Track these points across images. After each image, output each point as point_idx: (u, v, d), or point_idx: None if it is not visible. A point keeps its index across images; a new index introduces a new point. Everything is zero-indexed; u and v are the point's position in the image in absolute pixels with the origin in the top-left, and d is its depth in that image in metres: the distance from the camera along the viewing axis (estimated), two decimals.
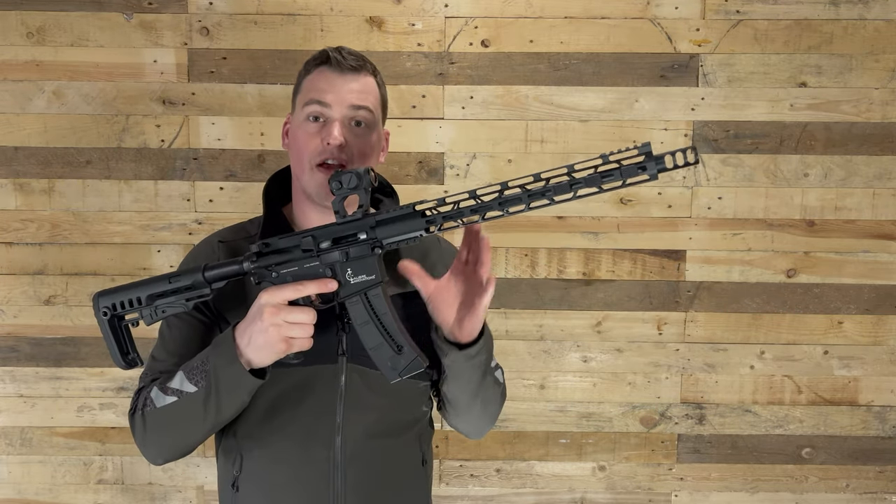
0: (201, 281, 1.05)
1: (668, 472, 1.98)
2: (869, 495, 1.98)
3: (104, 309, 1.07)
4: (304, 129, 1.13)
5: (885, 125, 1.86)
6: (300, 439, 1.14)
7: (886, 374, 1.93)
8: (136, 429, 1.13)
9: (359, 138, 1.14)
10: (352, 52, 1.16)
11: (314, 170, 1.12)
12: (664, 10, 1.82)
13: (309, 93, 1.14)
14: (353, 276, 1.02)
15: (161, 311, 1.06)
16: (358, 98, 1.13)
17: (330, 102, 1.12)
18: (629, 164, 0.92)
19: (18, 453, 1.96)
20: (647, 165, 0.91)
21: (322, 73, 1.14)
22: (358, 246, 1.01)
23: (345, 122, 1.13)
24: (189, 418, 1.07)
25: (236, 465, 1.16)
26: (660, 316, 1.91)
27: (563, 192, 0.94)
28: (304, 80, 1.17)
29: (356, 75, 1.14)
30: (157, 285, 1.06)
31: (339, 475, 1.14)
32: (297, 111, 1.16)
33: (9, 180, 1.86)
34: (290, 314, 0.98)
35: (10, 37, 1.82)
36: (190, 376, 1.06)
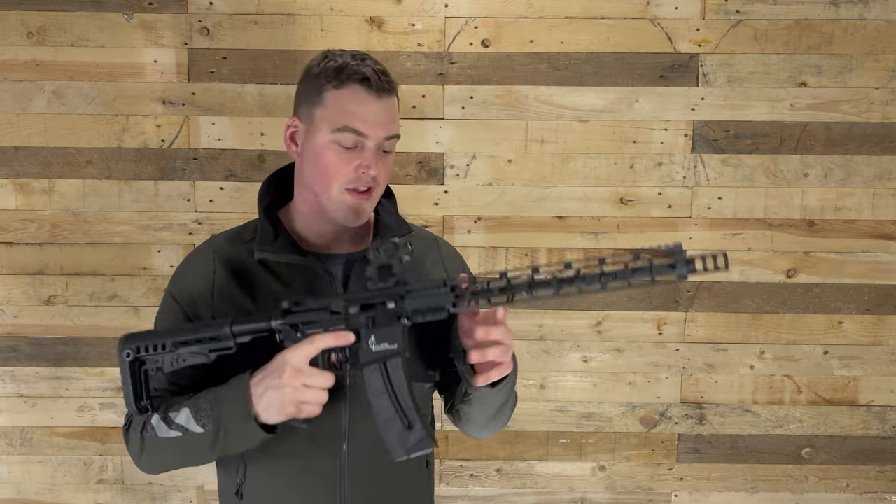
0: (227, 334, 1.04)
1: (668, 472, 1.98)
2: (869, 495, 1.98)
3: (128, 351, 1.07)
4: (335, 152, 1.09)
5: (885, 125, 1.86)
6: (306, 447, 1.13)
7: (886, 374, 1.93)
8: (131, 446, 1.13)
9: (385, 164, 1.13)
10: (381, 68, 1.11)
11: (344, 193, 1.10)
12: (664, 10, 1.82)
13: (342, 116, 1.08)
14: (375, 344, 1.02)
15: (183, 359, 1.06)
16: (392, 128, 1.11)
17: (369, 134, 1.08)
18: (660, 264, 0.96)
19: (18, 453, 1.96)
20: (677, 266, 0.95)
21: (357, 95, 1.08)
22: (384, 314, 1.01)
23: (376, 150, 1.11)
24: (193, 453, 1.08)
25: (240, 473, 1.15)
26: (660, 316, 1.91)
27: (592, 284, 0.97)
28: (328, 94, 1.09)
29: (389, 98, 1.11)
30: (184, 334, 1.06)
31: (346, 481, 1.13)
32: (322, 128, 1.10)
33: (9, 180, 1.86)
34: (309, 377, 0.98)
35: (10, 37, 1.82)
36: (197, 417, 1.06)
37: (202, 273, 1.16)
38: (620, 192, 1.88)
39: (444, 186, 1.87)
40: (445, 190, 1.87)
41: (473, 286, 0.99)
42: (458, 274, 1.02)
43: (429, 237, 1.29)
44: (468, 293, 0.99)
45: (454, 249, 1.31)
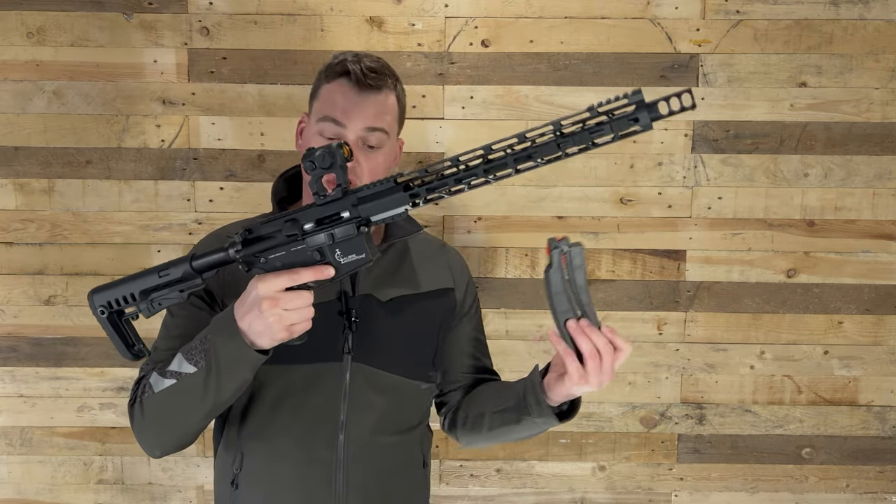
0: (190, 272, 1.03)
1: (668, 472, 1.98)
2: (869, 495, 1.98)
3: (101, 308, 1.07)
4: (318, 142, 1.12)
5: (885, 125, 1.86)
6: (303, 437, 1.14)
7: (886, 374, 1.93)
8: (134, 419, 1.11)
9: (370, 159, 1.13)
10: (373, 66, 1.12)
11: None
12: (664, 10, 1.82)
13: (325, 107, 1.12)
14: (342, 257, 0.98)
15: (157, 303, 1.05)
16: (374, 120, 1.12)
17: (345, 123, 1.11)
18: (620, 114, 0.83)
19: (18, 453, 1.96)
20: (639, 116, 0.82)
21: (340, 87, 1.12)
22: (343, 226, 0.96)
23: (358, 143, 1.12)
24: (188, 400, 1.05)
25: (236, 463, 1.16)
26: (660, 316, 1.91)
27: (550, 152, 0.87)
28: (321, 87, 1.15)
29: (376, 94, 1.12)
30: (148, 280, 1.05)
31: (341, 474, 1.14)
32: (312, 121, 1.15)
33: (9, 180, 1.86)
34: (288, 302, 0.96)
35: (10, 37, 1.82)
36: (188, 357, 1.04)
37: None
38: (620, 192, 1.88)
39: None
40: None
41: (426, 177, 0.93)
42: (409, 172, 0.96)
43: (437, 242, 1.32)
44: (424, 189, 0.92)
45: (461, 258, 1.33)
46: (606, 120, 0.83)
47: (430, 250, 1.28)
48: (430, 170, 0.92)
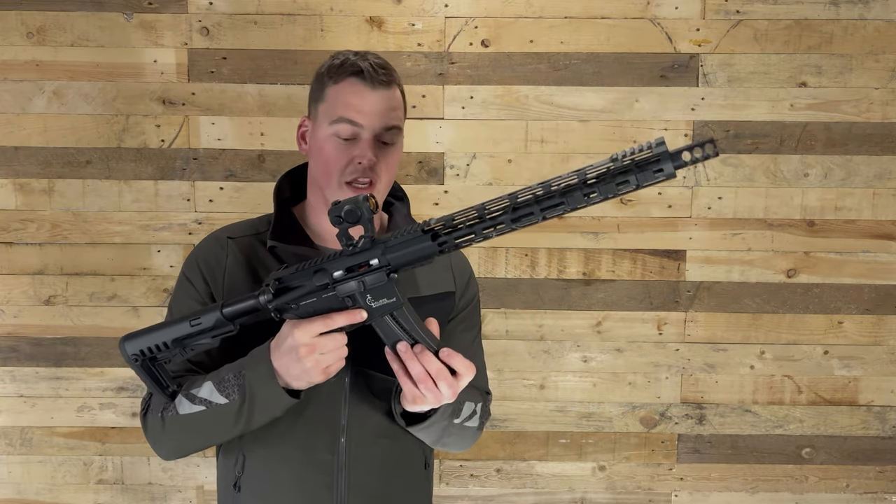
0: (222, 320, 1.04)
1: (668, 472, 1.98)
2: (869, 495, 1.98)
3: (134, 356, 1.07)
4: (333, 143, 1.12)
5: (885, 125, 1.85)
6: (304, 441, 1.14)
7: (886, 374, 1.93)
8: (151, 428, 1.13)
9: (386, 156, 1.14)
10: (380, 62, 1.13)
11: (343, 187, 1.12)
12: (664, 10, 1.82)
13: (338, 108, 1.11)
14: (373, 301, 1.00)
15: (190, 349, 1.06)
16: (389, 118, 1.12)
17: (363, 123, 1.11)
18: (644, 164, 0.82)
19: (18, 453, 1.96)
20: (663, 166, 0.82)
21: (353, 87, 1.11)
22: (373, 274, 0.98)
23: (374, 141, 1.12)
24: (216, 427, 1.08)
25: (238, 465, 1.16)
26: (660, 316, 1.91)
27: (576, 202, 0.87)
28: (329, 89, 1.13)
29: (387, 90, 1.12)
30: (180, 328, 1.05)
31: (343, 477, 1.14)
32: (323, 122, 1.13)
33: (9, 180, 1.86)
34: (324, 346, 0.98)
35: (10, 37, 1.82)
36: (220, 388, 1.06)
37: (215, 255, 1.18)
38: None
39: (444, 186, 1.87)
40: (445, 190, 1.87)
41: (452, 224, 0.93)
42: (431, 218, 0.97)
43: None
44: (452, 238, 0.93)
45: (463, 256, 1.32)
46: (631, 169, 0.83)
47: None
48: (456, 218, 0.93)
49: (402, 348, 0.99)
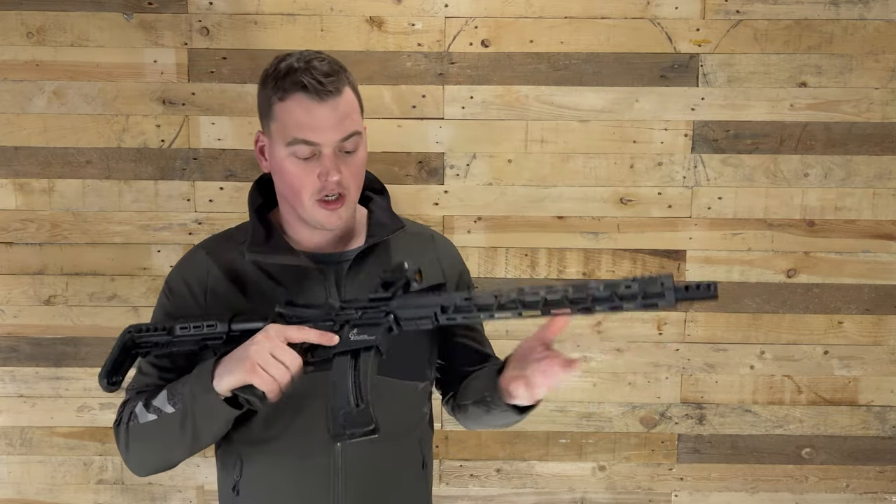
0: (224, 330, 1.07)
1: (668, 472, 1.98)
2: (869, 495, 1.98)
3: (130, 328, 1.12)
4: (294, 164, 1.07)
5: (885, 125, 1.85)
6: (300, 444, 1.13)
7: (886, 374, 1.93)
8: (119, 441, 1.13)
9: (350, 165, 1.09)
10: (324, 69, 1.05)
11: (315, 205, 1.09)
12: (664, 10, 1.82)
13: (289, 129, 1.05)
14: (354, 335, 1.02)
15: (174, 346, 1.09)
16: (345, 127, 1.06)
17: (319, 141, 1.05)
18: (650, 292, 0.93)
19: (18, 453, 1.96)
20: (665, 293, 0.92)
21: (300, 103, 1.04)
22: (373, 311, 1.02)
23: (336, 152, 1.07)
24: (167, 438, 1.07)
25: (237, 469, 1.16)
26: (660, 316, 1.91)
27: (581, 307, 1.00)
28: (276, 107, 1.07)
29: (336, 98, 1.05)
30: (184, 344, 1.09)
31: (340, 481, 1.14)
32: (278, 143, 1.08)
33: (9, 180, 1.86)
34: (278, 348, 0.98)
35: (10, 37, 1.82)
36: (170, 397, 1.06)
37: (195, 273, 1.17)
38: (620, 192, 1.88)
39: (444, 186, 1.87)
40: (445, 190, 1.87)
41: (466, 303, 1.00)
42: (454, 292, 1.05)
43: (425, 234, 1.28)
44: (453, 308, 1.00)
45: (451, 245, 1.30)
46: (637, 294, 0.93)
47: (418, 245, 1.25)
48: (470, 297, 1.00)
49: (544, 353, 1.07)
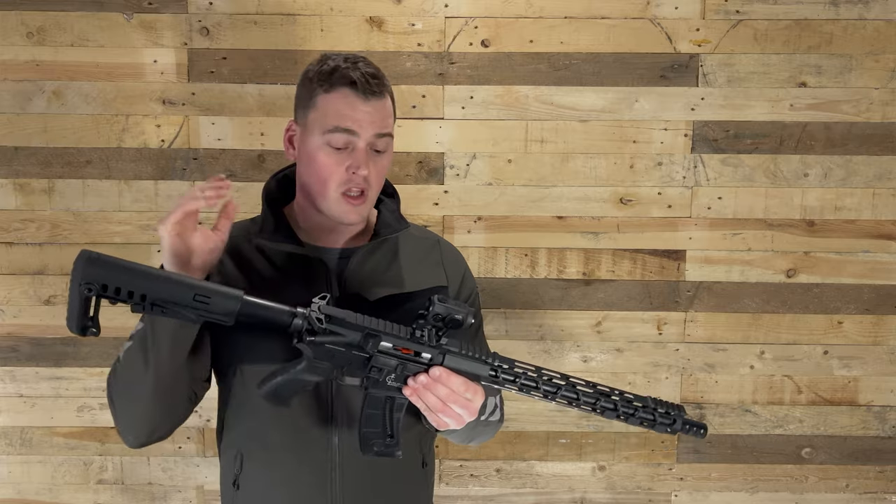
0: (233, 311, 0.97)
1: (668, 472, 1.98)
2: (869, 495, 1.98)
3: (88, 286, 0.96)
4: (327, 153, 1.11)
5: (885, 125, 1.86)
6: (297, 440, 1.14)
7: (886, 374, 1.93)
8: (109, 392, 1.13)
9: (378, 165, 1.14)
10: (371, 70, 1.12)
11: (340, 198, 1.12)
12: (664, 10, 1.82)
13: (331, 118, 1.10)
14: (391, 381, 1.05)
15: (160, 310, 0.96)
16: (382, 126, 1.12)
17: (358, 132, 1.10)
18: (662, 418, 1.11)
19: (18, 453, 1.96)
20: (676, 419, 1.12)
21: (345, 97, 1.10)
22: (416, 364, 1.04)
23: (368, 149, 1.12)
24: (136, 362, 1.06)
25: (237, 464, 1.17)
26: (660, 316, 1.91)
27: (609, 409, 1.10)
28: (319, 97, 1.11)
29: (379, 100, 1.11)
30: (176, 293, 0.95)
31: (337, 477, 1.14)
32: (314, 131, 1.12)
33: (9, 180, 1.86)
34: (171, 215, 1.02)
35: (10, 37, 1.82)
36: (141, 318, 1.08)
37: None
38: (620, 192, 1.88)
39: (444, 186, 1.87)
40: (445, 190, 1.87)
41: (510, 371, 1.07)
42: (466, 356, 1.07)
43: (431, 238, 1.30)
44: (503, 381, 1.07)
45: (456, 252, 1.31)
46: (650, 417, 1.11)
47: (423, 248, 1.27)
48: (517, 366, 1.08)
49: (413, 383, 1.04)
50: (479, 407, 1.06)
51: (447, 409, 1.03)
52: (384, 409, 1.08)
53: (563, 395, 1.08)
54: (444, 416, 1.04)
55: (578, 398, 1.08)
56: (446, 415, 1.04)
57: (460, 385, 1.03)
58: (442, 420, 1.05)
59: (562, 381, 1.08)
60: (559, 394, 1.08)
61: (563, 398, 1.08)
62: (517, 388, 1.06)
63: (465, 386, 1.03)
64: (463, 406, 1.03)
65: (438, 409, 1.03)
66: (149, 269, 0.97)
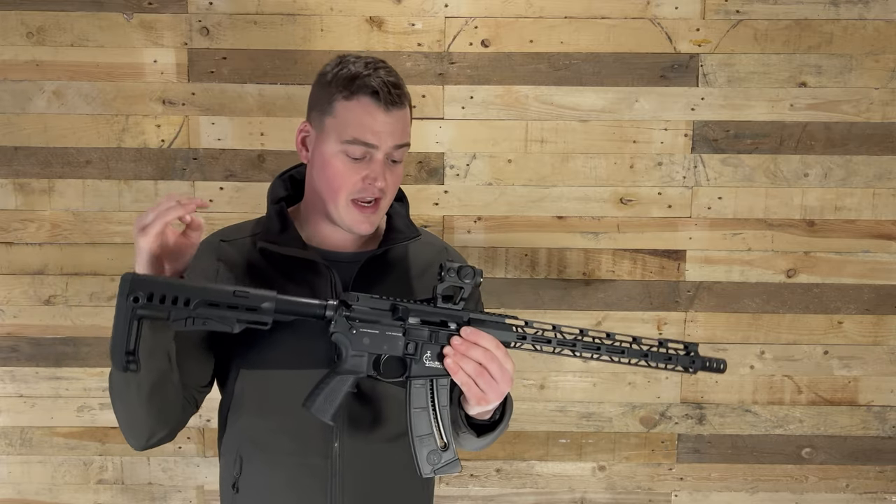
0: (269, 309, 0.99)
1: (668, 472, 1.98)
2: (869, 495, 1.98)
3: (137, 295, 0.93)
4: (343, 162, 1.10)
5: (885, 125, 1.86)
6: (297, 445, 1.13)
7: (886, 374, 1.93)
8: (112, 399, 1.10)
9: (393, 174, 1.14)
10: (393, 79, 1.10)
11: (349, 205, 1.11)
12: (664, 10, 1.82)
13: (351, 128, 1.08)
14: (429, 360, 1.04)
15: (202, 322, 0.97)
16: (401, 138, 1.11)
17: (378, 145, 1.09)
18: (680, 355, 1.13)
19: (18, 453, 1.96)
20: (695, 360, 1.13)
21: (366, 108, 1.08)
22: (447, 334, 1.05)
23: (386, 160, 1.11)
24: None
25: (236, 467, 1.16)
26: (660, 316, 1.91)
27: (628, 356, 1.10)
28: (338, 104, 1.09)
29: (400, 110, 1.10)
30: (218, 294, 0.97)
31: (337, 481, 1.14)
32: (331, 137, 1.10)
33: (9, 180, 1.86)
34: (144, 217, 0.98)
35: (10, 37, 1.82)
36: None
37: (208, 259, 1.17)
38: (620, 192, 1.88)
39: (444, 186, 1.87)
40: (445, 190, 1.87)
41: (534, 330, 1.08)
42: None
43: (439, 245, 1.30)
44: (531, 336, 1.07)
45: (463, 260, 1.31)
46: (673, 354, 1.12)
47: (431, 255, 1.26)
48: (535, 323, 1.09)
49: (450, 349, 1.03)
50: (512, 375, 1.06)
51: (484, 374, 1.02)
52: (429, 403, 1.06)
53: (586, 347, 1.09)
54: (482, 384, 1.02)
55: (600, 349, 1.09)
56: (483, 379, 1.02)
57: (491, 342, 1.03)
58: (481, 392, 1.02)
59: (602, 338, 1.10)
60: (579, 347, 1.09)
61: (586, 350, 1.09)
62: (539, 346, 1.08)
63: (495, 343, 1.03)
64: (498, 369, 1.02)
65: (477, 373, 1.02)
66: (184, 282, 1.01)
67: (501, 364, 1.02)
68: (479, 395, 1.03)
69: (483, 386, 1.02)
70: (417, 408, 1.06)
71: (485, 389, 1.02)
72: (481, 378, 1.02)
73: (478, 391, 1.03)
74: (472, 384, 1.02)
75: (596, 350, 1.08)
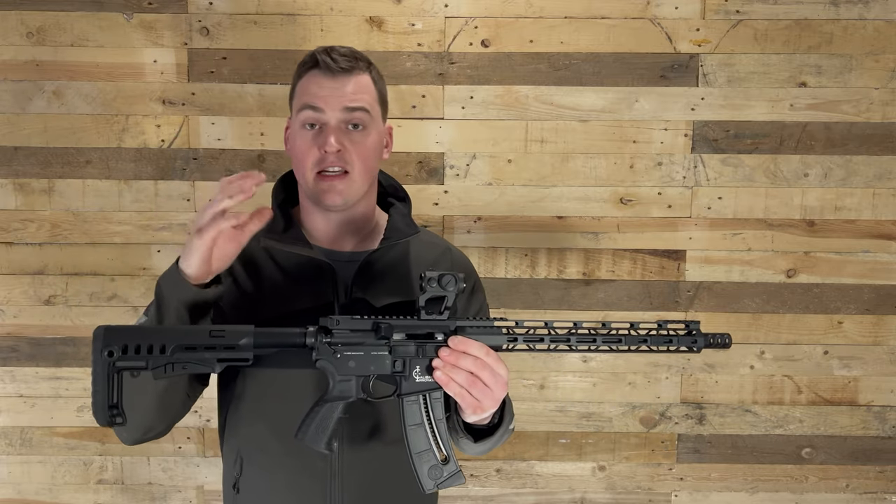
0: (248, 345, 0.96)
1: (668, 472, 1.98)
2: (869, 495, 1.98)
3: (110, 349, 0.92)
4: (302, 136, 1.13)
5: (885, 125, 1.86)
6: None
7: (886, 374, 1.93)
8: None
9: (357, 143, 1.13)
10: (343, 51, 1.14)
11: (315, 179, 1.12)
12: (664, 10, 1.82)
13: (301, 98, 1.14)
14: (419, 375, 1.01)
15: (182, 367, 0.94)
16: (351, 100, 1.12)
17: (323, 107, 1.11)
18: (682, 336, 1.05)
19: (18, 453, 1.96)
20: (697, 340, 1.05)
21: (313, 78, 1.13)
22: (434, 346, 1.01)
23: (341, 126, 1.12)
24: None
25: (237, 467, 1.16)
26: (660, 316, 1.91)
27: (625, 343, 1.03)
28: (296, 85, 1.16)
29: (348, 76, 1.12)
30: (194, 335, 0.94)
31: (337, 483, 1.14)
32: (294, 119, 1.16)
33: (9, 180, 1.86)
34: (202, 216, 1.00)
35: (10, 37, 1.82)
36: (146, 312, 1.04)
37: None
38: (620, 192, 1.88)
39: (444, 186, 1.87)
40: (445, 190, 1.87)
41: (525, 330, 1.03)
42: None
43: (442, 245, 1.29)
44: (522, 337, 1.02)
45: (467, 260, 1.31)
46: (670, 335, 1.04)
47: (433, 255, 1.26)
48: (526, 323, 1.03)
49: (439, 361, 1.00)
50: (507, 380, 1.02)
51: (477, 382, 0.99)
52: (424, 418, 1.03)
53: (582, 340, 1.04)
54: (476, 393, 0.99)
55: (597, 339, 1.03)
56: (477, 388, 0.99)
57: (480, 349, 0.99)
58: (476, 400, 1.00)
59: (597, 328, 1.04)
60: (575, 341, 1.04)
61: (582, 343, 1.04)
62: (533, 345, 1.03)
63: (484, 350, 1.00)
64: (491, 376, 0.99)
65: (469, 383, 0.99)
66: (159, 327, 0.98)
67: (494, 370, 0.99)
68: (474, 405, 1.01)
69: (477, 395, 1.00)
70: (413, 425, 1.03)
71: (479, 398, 1.00)
72: (474, 387, 0.99)
73: (472, 400, 1.00)
74: (466, 394, 0.99)
75: (592, 342, 1.03)
